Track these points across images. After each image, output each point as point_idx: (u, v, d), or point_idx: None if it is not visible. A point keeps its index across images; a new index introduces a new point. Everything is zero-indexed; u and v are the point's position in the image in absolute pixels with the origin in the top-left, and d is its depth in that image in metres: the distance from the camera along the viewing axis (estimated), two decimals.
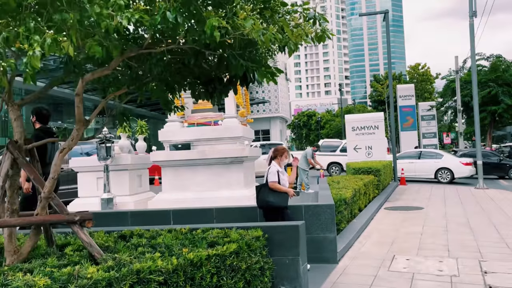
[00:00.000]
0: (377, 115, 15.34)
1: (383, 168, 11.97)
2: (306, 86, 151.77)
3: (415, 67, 46.33)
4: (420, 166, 17.07)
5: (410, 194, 12.96)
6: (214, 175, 7.27)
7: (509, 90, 32.01)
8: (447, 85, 36.67)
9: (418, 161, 17.38)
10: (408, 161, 17.29)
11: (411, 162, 17.24)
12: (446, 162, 17.42)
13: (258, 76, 2.89)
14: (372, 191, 10.45)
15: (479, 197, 11.90)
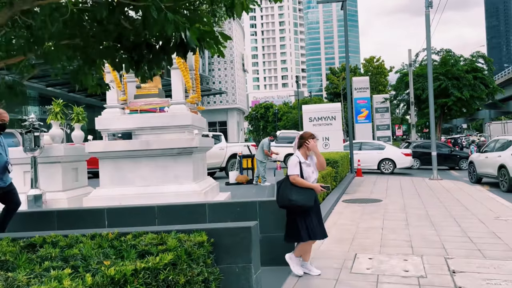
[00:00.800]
0: (334, 106, 15.04)
1: (341, 160, 11.64)
2: (263, 78, 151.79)
3: (370, 60, 47.06)
4: (363, 157, 17.04)
5: (367, 185, 12.75)
6: (159, 167, 6.52)
7: (458, 84, 33.04)
8: (400, 78, 37.40)
9: (360, 152, 17.36)
10: None
11: (354, 153, 17.15)
12: (388, 153, 17.72)
13: (192, 36, 2.21)
14: (330, 184, 10.05)
15: (434, 188, 11.85)
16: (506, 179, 11.71)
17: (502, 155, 12.12)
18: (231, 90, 49.78)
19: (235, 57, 49.49)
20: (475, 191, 11.10)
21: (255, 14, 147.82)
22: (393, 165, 17.40)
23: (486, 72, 34.48)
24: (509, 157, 11.74)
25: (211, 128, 51.43)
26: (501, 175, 12.04)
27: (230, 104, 50.00)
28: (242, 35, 57.24)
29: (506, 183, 11.70)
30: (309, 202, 4.35)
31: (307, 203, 4.33)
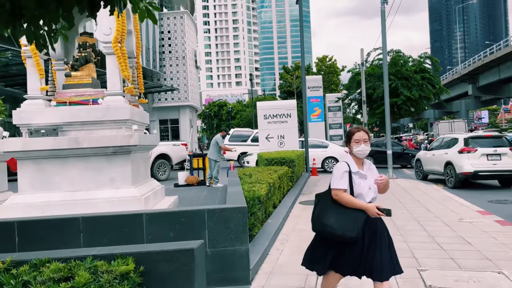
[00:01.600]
0: (290, 103, 14.51)
1: (297, 159, 11.07)
2: (217, 76, 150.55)
3: (322, 59, 47.35)
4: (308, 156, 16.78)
5: (323, 185, 12.28)
6: (91, 169, 5.56)
7: (407, 84, 33.81)
8: (352, 77, 37.79)
9: None
10: None
11: None
12: (332, 151, 17.75)
13: None
14: (286, 184, 9.44)
15: (391, 187, 11.51)
16: (452, 176, 12.04)
17: (449, 152, 12.42)
18: (183, 87, 48.37)
19: (187, 53, 48.11)
20: (432, 190, 10.92)
21: (208, 11, 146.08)
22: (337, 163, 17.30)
23: (432, 73, 35.57)
24: (455, 154, 12.04)
25: (163, 126, 49.82)
26: (447, 172, 12.36)
27: (183, 101, 48.57)
28: (195, 31, 55.85)
29: (452, 180, 12.04)
30: (353, 230, 2.97)
31: (350, 232, 2.96)
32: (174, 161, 14.68)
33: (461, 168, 11.66)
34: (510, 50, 36.07)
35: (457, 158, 11.87)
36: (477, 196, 10.45)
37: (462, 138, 12.38)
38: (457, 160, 11.84)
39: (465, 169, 11.56)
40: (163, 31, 47.47)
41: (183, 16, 47.87)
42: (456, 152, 12.00)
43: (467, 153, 11.78)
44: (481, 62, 42.21)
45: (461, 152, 11.91)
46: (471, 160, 11.64)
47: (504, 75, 40.41)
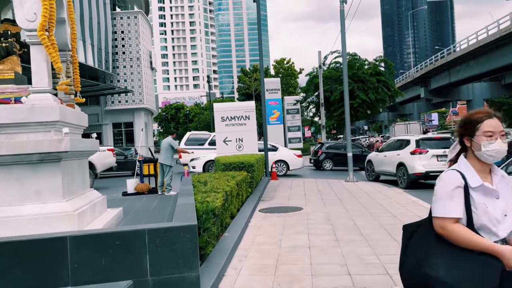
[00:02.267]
0: (248, 104, 13.89)
1: (256, 163, 10.46)
2: (174, 78, 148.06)
3: (280, 62, 47.28)
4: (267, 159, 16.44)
5: (284, 190, 11.75)
6: (12, 181, 4.65)
7: (363, 86, 34.15)
8: (310, 80, 37.80)
9: None
10: None
11: None
12: (281, 155, 17.52)
13: None
14: (245, 191, 8.79)
15: (353, 191, 11.21)
16: (405, 177, 12.38)
17: (401, 153, 12.76)
18: (138, 89, 46.71)
19: (142, 54, 46.51)
20: (395, 194, 10.64)
21: (165, 12, 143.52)
22: (286, 167, 17.23)
23: (387, 76, 36.19)
24: (408, 155, 12.40)
25: (116, 129, 47.88)
26: (400, 173, 12.69)
27: (137, 104, 46.91)
28: (150, 31, 54.26)
29: (404, 180, 12.38)
30: None
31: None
32: (98, 169, 13.34)
33: (413, 169, 12.05)
34: (459, 55, 37.39)
35: (410, 159, 12.26)
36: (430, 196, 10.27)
37: (413, 140, 12.70)
38: (410, 161, 12.23)
39: (417, 169, 11.98)
40: (116, 31, 45.63)
41: (137, 16, 46.25)
42: (408, 153, 12.38)
43: (419, 154, 12.20)
44: (432, 66, 43.57)
45: (413, 153, 12.30)
46: (423, 161, 12.07)
47: (454, 79, 41.89)
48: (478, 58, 36.19)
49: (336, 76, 35.31)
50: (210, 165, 16.26)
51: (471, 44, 34.79)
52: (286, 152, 17.82)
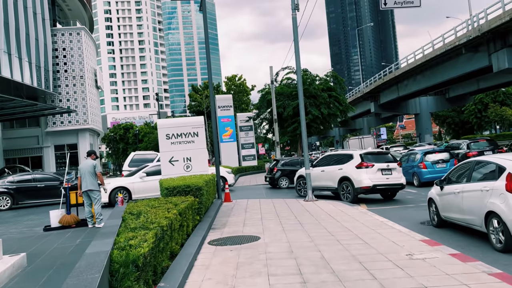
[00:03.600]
0: (196, 120, 12.58)
1: (206, 185, 9.15)
2: (123, 98, 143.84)
3: (232, 78, 46.40)
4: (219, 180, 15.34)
5: (238, 214, 10.51)
6: None
7: (315, 102, 33.85)
8: (263, 96, 37.08)
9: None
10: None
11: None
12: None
13: None
14: (192, 219, 7.48)
15: (314, 212, 10.17)
16: (349, 191, 12.33)
17: (344, 168, 12.64)
18: (82, 108, 44.03)
19: (85, 72, 44.01)
20: (359, 214, 9.69)
21: (112, 31, 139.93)
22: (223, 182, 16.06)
23: (338, 91, 36.18)
24: (353, 169, 12.32)
25: (59, 152, 44.75)
26: (343, 187, 12.58)
27: (81, 124, 44.14)
28: (94, 49, 51.82)
29: (350, 195, 12.30)
30: None
31: None
32: None
33: (360, 183, 12.05)
34: (407, 69, 38.21)
35: (355, 173, 12.19)
36: (400, 216, 9.45)
37: (357, 154, 12.68)
38: (356, 175, 12.16)
39: (364, 183, 12.01)
40: (57, 48, 42.98)
41: (80, 32, 43.87)
42: (353, 167, 12.31)
43: (365, 168, 12.21)
44: (381, 81, 44.38)
45: (359, 167, 12.27)
46: (369, 174, 12.13)
47: (402, 93, 42.79)
48: (424, 72, 37.11)
49: (289, 92, 34.85)
50: (117, 194, 14.10)
51: (418, 59, 35.61)
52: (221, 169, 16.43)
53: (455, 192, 7.15)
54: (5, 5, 31.98)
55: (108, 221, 5.77)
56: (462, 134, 59.26)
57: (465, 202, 6.82)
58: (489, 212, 6.06)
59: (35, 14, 37.53)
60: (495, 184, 6.05)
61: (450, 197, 7.35)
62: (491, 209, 5.98)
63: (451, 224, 7.71)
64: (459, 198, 7.01)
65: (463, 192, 6.89)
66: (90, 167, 8.49)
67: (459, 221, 7.19)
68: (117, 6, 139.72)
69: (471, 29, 27.07)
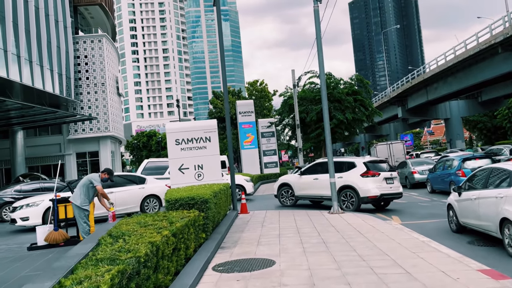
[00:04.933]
0: (208, 123, 11.48)
1: (214, 197, 7.95)
2: (148, 106, 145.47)
3: (253, 83, 45.32)
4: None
5: (253, 229, 9.29)
6: None
7: (340, 106, 32.36)
8: (285, 101, 35.86)
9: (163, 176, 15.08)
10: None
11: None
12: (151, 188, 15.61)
13: None
14: (194, 239, 6.30)
15: (340, 227, 8.85)
16: (353, 200, 11.96)
17: (346, 176, 12.23)
18: (103, 116, 43.81)
19: (107, 79, 43.84)
20: (393, 230, 8.30)
21: (137, 40, 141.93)
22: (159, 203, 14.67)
23: (364, 95, 34.61)
24: (357, 178, 12.00)
25: (80, 159, 44.66)
26: (344, 196, 12.14)
27: (103, 131, 43.91)
28: (117, 56, 51.84)
29: (352, 204, 11.96)
30: None
31: None
32: None
33: (367, 192, 11.79)
34: (437, 71, 36.29)
35: (361, 182, 11.90)
36: (441, 233, 8.03)
37: (361, 162, 12.43)
38: (361, 183, 11.88)
39: (372, 192, 11.79)
40: (79, 55, 42.97)
41: (102, 39, 43.79)
42: (358, 175, 12.02)
43: (372, 177, 11.97)
44: (409, 84, 42.48)
45: (365, 175, 11.99)
46: (376, 183, 11.92)
47: (431, 97, 40.79)
48: (456, 74, 35.12)
49: (312, 96, 33.48)
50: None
51: (449, 60, 33.71)
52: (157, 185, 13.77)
53: (472, 199, 7.35)
54: (27, 13, 31.96)
55: (78, 247, 4.65)
56: (494, 140, 56.30)
57: (481, 209, 6.98)
58: (503, 218, 6.16)
59: (57, 22, 37.56)
60: (509, 191, 6.19)
61: (467, 203, 7.56)
62: (505, 216, 6.08)
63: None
64: (475, 204, 7.19)
65: (479, 199, 7.07)
66: (86, 179, 7.43)
67: (476, 227, 7.34)
68: (141, 15, 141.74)
69: (509, 26, 25.18)
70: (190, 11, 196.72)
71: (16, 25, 30.26)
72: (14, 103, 28.55)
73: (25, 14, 31.57)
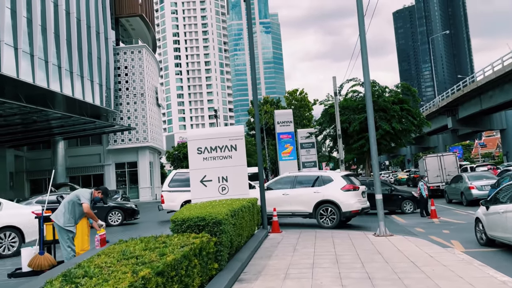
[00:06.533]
0: (234, 129, 10.15)
1: (232, 217, 6.50)
2: (190, 118, 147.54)
3: (292, 92, 43.84)
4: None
5: (283, 254, 7.79)
6: None
7: (385, 116, 30.12)
8: (325, 110, 33.95)
9: None
10: None
11: None
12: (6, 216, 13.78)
13: None
14: (200, 272, 4.90)
15: (389, 255, 7.18)
16: (333, 216, 11.57)
17: (323, 190, 11.82)
18: (142, 126, 43.83)
19: (146, 90, 43.92)
20: (460, 263, 6.53)
21: (180, 53, 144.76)
22: (20, 239, 10.49)
23: (411, 103, 32.22)
24: (338, 192, 11.63)
25: (119, 170, 44.80)
26: (324, 211, 11.67)
27: (141, 142, 43.90)
28: (156, 67, 52.12)
29: (332, 220, 11.56)
30: None
31: None
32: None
33: (350, 206, 11.52)
34: (492, 78, 33.36)
35: (343, 196, 11.58)
36: None
37: (339, 176, 12.24)
38: (343, 198, 11.57)
39: (355, 207, 11.58)
40: (119, 66, 43.37)
41: (142, 50, 44.04)
42: (339, 190, 11.69)
43: (354, 191, 11.75)
44: (461, 93, 39.52)
45: (347, 190, 11.70)
46: (357, 197, 11.77)
47: (486, 105, 37.66)
48: None
49: (354, 105, 31.51)
50: None
51: (506, 65, 30.81)
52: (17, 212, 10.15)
53: (499, 212, 7.57)
54: (68, 24, 32.35)
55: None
56: None
57: (509, 222, 7.20)
58: None
59: (98, 34, 38.01)
60: None
61: (495, 216, 7.75)
62: None
63: None
64: (503, 218, 7.42)
65: (507, 212, 7.30)
66: (73, 195, 6.23)
67: (504, 240, 7.55)
68: (184, 28, 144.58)
69: None
70: (232, 24, 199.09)
71: (58, 36, 30.61)
72: (54, 113, 28.72)
73: (67, 26, 31.95)
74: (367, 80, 11.08)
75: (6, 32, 24.56)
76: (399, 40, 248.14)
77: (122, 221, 15.69)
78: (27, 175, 42.41)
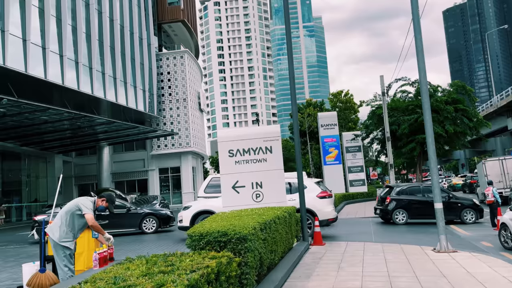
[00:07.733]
0: (270, 129, 9.11)
1: (262, 231, 5.42)
2: (234, 123, 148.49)
3: (337, 94, 42.20)
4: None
5: (325, 274, 6.62)
6: None
7: (437, 117, 27.88)
8: (372, 112, 31.95)
9: None
10: None
11: None
12: None
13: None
14: None
15: (456, 278, 5.84)
16: (310, 224, 10.81)
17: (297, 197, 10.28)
18: (184, 131, 43.76)
19: (188, 95, 43.86)
20: None
21: (224, 59, 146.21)
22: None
23: (467, 103, 29.75)
24: (315, 200, 11.18)
25: (163, 175, 44.95)
26: None
27: (184, 147, 43.80)
28: (199, 72, 52.16)
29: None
30: None
31: None
32: None
33: (328, 214, 11.19)
34: None
35: (320, 204, 11.20)
36: None
37: (312, 183, 11.72)
38: (320, 206, 11.16)
39: (332, 215, 11.30)
40: (162, 72, 43.62)
41: (184, 55, 44.08)
42: (315, 197, 11.21)
43: (329, 198, 11.48)
44: None
45: (322, 197, 11.34)
46: (331, 205, 11.56)
47: None
48: None
49: (403, 106, 29.54)
50: None
51: None
52: None
53: None
54: (112, 31, 32.77)
55: None
56: None
57: None
58: None
59: (141, 40, 38.37)
60: None
61: None
62: None
63: None
64: None
65: None
66: (71, 204, 5.33)
67: None
68: (228, 35, 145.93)
69: None
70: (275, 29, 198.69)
71: (102, 43, 31.01)
72: (97, 118, 29.01)
73: (110, 33, 32.35)
74: (422, 68, 9.70)
75: (51, 40, 24.99)
76: (450, 39, 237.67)
77: (157, 229, 15.04)
78: (75, 180, 43.50)
